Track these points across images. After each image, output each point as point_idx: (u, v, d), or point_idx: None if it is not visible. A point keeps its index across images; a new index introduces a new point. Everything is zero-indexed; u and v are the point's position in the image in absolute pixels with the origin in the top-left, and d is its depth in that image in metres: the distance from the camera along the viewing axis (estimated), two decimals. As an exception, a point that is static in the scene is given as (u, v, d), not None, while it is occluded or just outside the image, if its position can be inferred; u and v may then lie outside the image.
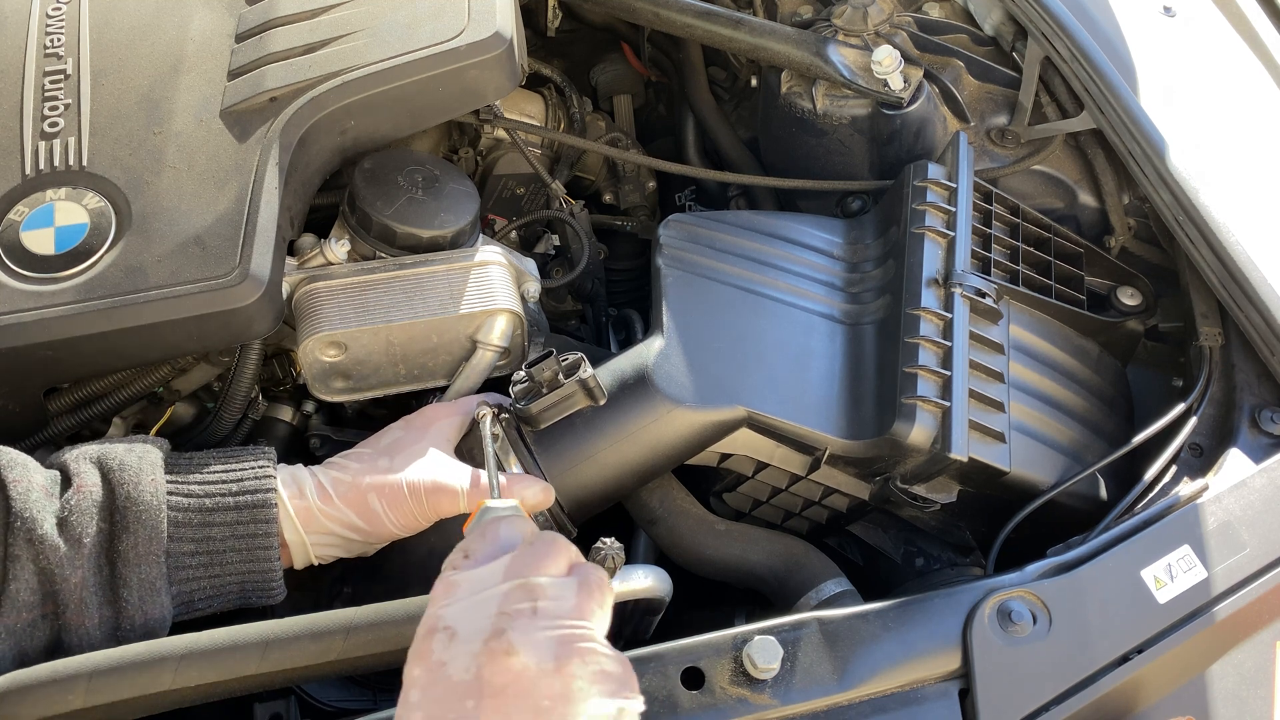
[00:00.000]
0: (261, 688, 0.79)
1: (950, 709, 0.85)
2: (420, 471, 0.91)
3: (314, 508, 0.90)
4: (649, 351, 1.00)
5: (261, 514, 0.87)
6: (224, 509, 0.86)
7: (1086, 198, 1.27)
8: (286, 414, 1.11)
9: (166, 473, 0.86)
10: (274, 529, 0.87)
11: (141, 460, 0.86)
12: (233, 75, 1.02)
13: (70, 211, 0.94)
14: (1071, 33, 1.18)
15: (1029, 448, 1.01)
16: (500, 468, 0.95)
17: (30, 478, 0.82)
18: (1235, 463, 1.00)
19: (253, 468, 0.89)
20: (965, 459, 0.94)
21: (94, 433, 1.05)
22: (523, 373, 0.97)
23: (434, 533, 0.94)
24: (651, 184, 1.51)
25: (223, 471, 0.88)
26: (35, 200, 0.95)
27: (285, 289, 1.02)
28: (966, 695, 0.85)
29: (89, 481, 0.83)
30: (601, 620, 0.71)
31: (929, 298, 1.04)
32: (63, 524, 0.81)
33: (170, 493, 0.85)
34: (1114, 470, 1.05)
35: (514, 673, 0.65)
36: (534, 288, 1.12)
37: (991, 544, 0.99)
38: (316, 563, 0.93)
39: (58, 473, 0.85)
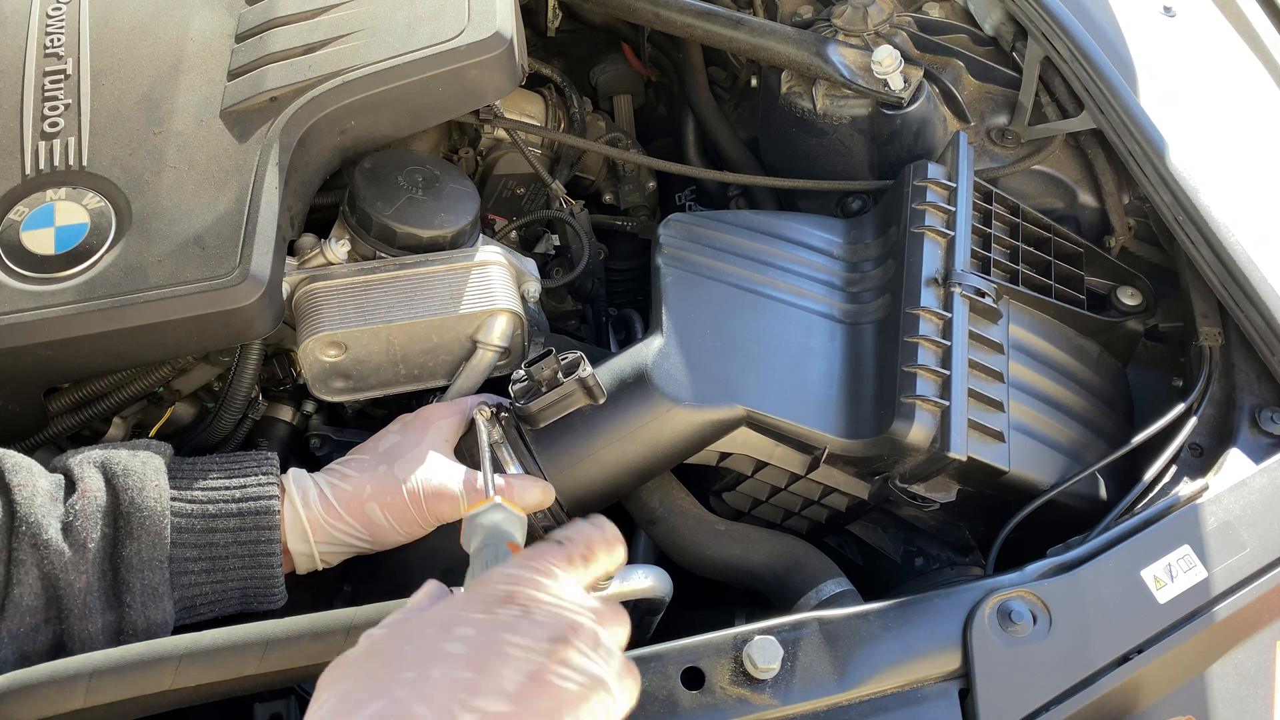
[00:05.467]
0: (261, 688, 0.79)
1: (950, 709, 0.85)
2: (419, 477, 0.91)
3: (319, 518, 0.90)
4: (648, 350, 1.00)
5: (264, 520, 0.87)
6: (227, 515, 0.86)
7: (1086, 198, 1.27)
8: (286, 414, 1.11)
9: (170, 478, 0.86)
10: (276, 535, 0.87)
11: (145, 465, 0.86)
12: (233, 75, 1.02)
13: (70, 211, 0.94)
14: (1071, 33, 1.18)
15: (1028, 447, 1.01)
16: (499, 469, 0.95)
17: (35, 482, 0.82)
18: (1235, 463, 0.99)
19: (256, 474, 0.89)
20: (964, 458, 0.94)
21: (94, 433, 1.05)
22: (522, 371, 0.97)
23: (435, 532, 0.94)
24: (651, 184, 1.51)
25: (226, 478, 0.88)
26: (35, 200, 0.95)
27: (285, 289, 1.02)
28: (966, 695, 0.85)
29: (93, 486, 0.83)
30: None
31: (928, 297, 1.04)
32: (67, 529, 0.81)
33: (174, 499, 0.85)
34: (1114, 470, 1.05)
35: None
36: (534, 288, 1.12)
37: (991, 544, 0.99)
38: (321, 567, 0.93)
39: (62, 477, 0.85)
